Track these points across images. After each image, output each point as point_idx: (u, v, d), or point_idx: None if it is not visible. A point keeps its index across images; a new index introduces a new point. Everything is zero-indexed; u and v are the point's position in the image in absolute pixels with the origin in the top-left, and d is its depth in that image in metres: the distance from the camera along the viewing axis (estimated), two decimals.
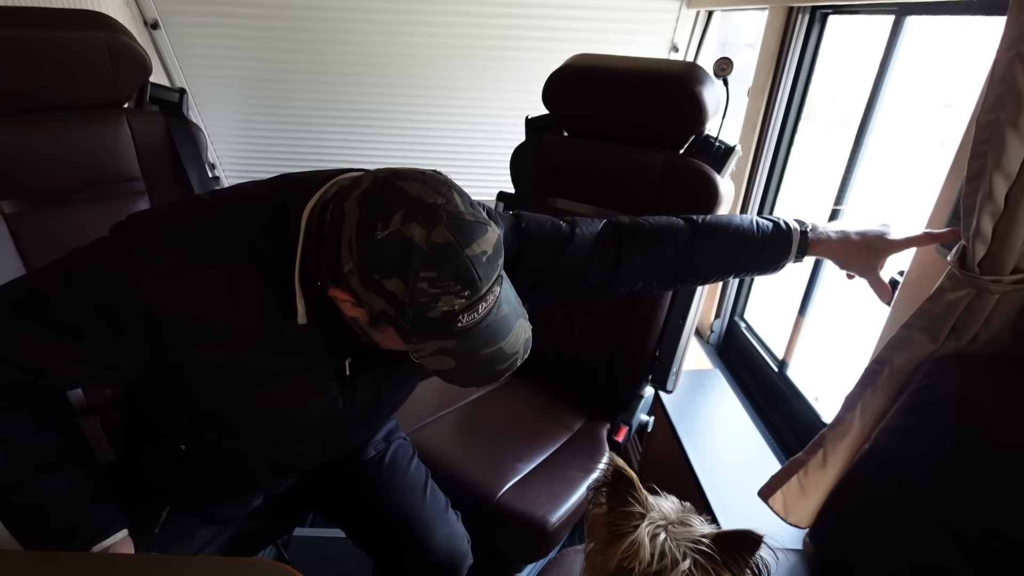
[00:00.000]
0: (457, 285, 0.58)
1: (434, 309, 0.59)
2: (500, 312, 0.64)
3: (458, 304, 0.59)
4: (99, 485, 0.78)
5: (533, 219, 0.90)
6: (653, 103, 1.30)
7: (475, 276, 0.59)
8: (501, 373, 0.66)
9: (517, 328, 0.67)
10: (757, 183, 1.66)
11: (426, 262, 0.57)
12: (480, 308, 0.61)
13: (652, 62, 1.37)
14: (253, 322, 0.69)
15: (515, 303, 0.69)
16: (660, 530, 0.64)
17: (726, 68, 1.32)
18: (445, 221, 0.58)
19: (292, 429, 0.82)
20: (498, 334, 0.64)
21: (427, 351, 0.63)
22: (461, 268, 0.58)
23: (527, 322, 0.69)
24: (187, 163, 1.44)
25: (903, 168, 2.00)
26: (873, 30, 1.34)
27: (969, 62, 1.35)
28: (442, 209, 0.58)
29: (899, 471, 0.87)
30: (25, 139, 1.24)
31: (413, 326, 0.60)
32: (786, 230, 0.91)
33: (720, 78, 1.33)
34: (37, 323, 0.65)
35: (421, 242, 0.57)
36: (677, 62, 1.50)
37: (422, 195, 0.59)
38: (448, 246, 0.58)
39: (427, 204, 0.58)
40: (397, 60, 2.06)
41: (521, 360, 0.68)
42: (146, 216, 0.70)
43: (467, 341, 0.62)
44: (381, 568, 1.07)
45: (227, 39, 2.00)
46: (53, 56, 1.24)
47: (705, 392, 1.64)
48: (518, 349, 0.67)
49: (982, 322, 0.82)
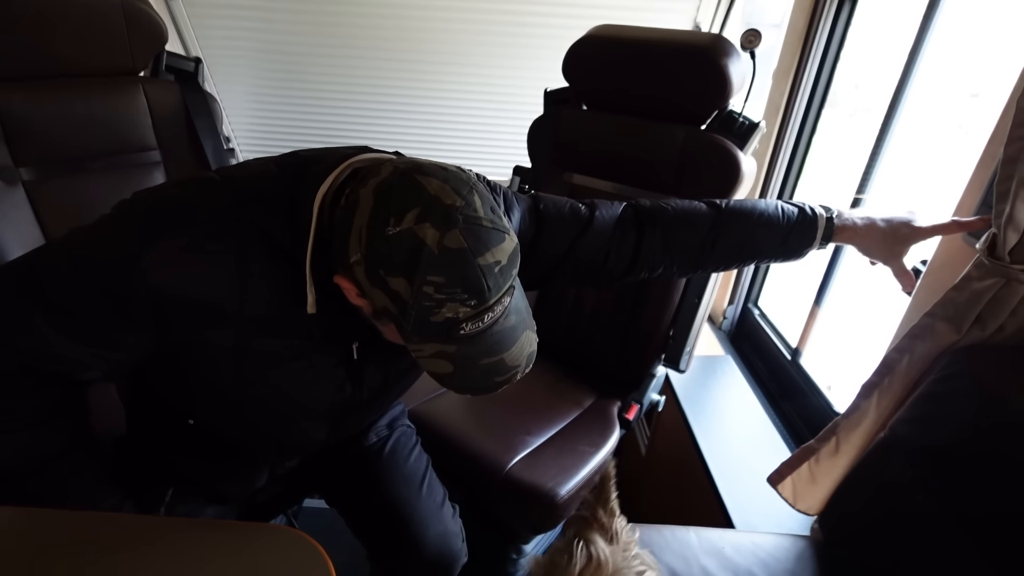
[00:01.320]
0: (464, 293, 0.56)
1: (437, 314, 0.57)
2: (507, 322, 0.61)
3: (463, 312, 0.57)
4: (105, 472, 0.78)
5: (552, 201, 0.88)
6: (677, 75, 1.27)
7: (484, 287, 0.57)
8: (498, 385, 0.64)
9: (522, 340, 0.64)
10: (778, 168, 1.63)
11: (435, 266, 0.55)
12: (486, 318, 0.58)
13: (677, 33, 1.33)
14: (262, 308, 0.67)
15: (524, 313, 0.66)
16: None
17: (754, 40, 1.27)
18: (461, 225, 0.55)
19: (299, 412, 0.81)
20: (502, 345, 0.61)
21: (425, 352, 0.61)
22: (471, 277, 0.56)
23: (534, 334, 0.67)
24: (202, 134, 1.44)
25: (927, 157, 1.96)
26: (903, 12, 1.30)
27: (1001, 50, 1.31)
28: (459, 212, 0.56)
29: (915, 461, 0.86)
30: (42, 106, 1.24)
31: (414, 327, 0.58)
32: (812, 216, 0.89)
33: (747, 51, 1.28)
34: (40, 306, 0.64)
35: (433, 245, 0.55)
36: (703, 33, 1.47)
37: (440, 194, 0.56)
38: (460, 252, 0.55)
39: (444, 205, 0.56)
40: (414, 35, 2.03)
41: (522, 374, 0.65)
42: (151, 196, 0.66)
43: (468, 348, 0.60)
44: (374, 559, 1.07)
45: (243, 9, 1.98)
46: (69, 22, 1.23)
47: (716, 378, 1.64)
48: (520, 363, 0.64)
49: (1009, 312, 0.80)
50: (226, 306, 0.65)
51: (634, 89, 1.34)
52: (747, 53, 1.28)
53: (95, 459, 0.78)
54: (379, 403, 0.92)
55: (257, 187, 0.66)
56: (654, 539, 1.00)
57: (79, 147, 1.30)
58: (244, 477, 0.94)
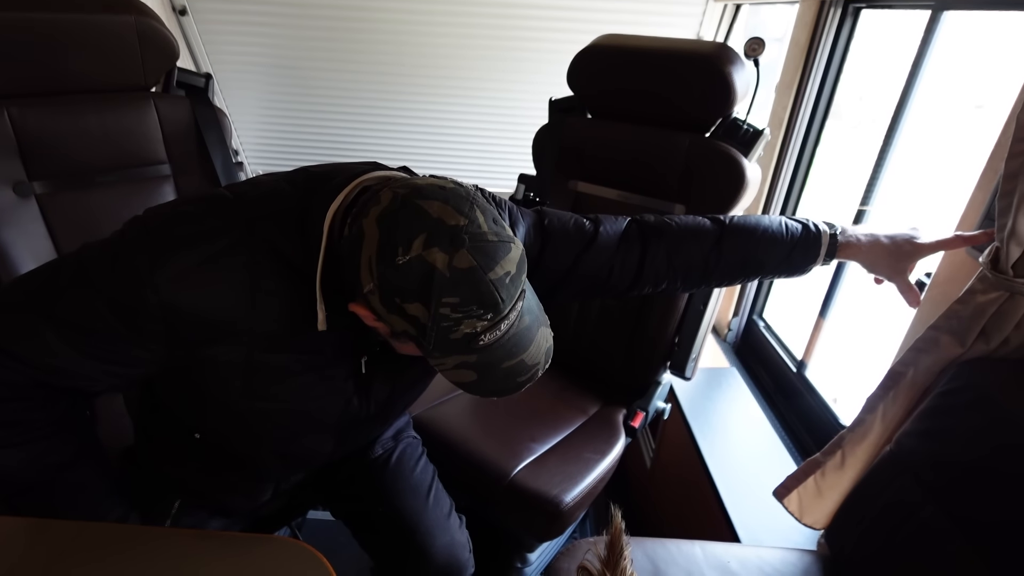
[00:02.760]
0: (480, 309, 0.58)
1: (456, 332, 0.58)
2: (522, 324, 0.63)
3: (480, 326, 0.58)
4: (112, 483, 0.79)
5: (556, 216, 0.89)
6: (681, 83, 1.28)
7: (498, 299, 0.58)
8: (522, 384, 0.65)
9: (539, 338, 0.65)
10: (782, 181, 1.63)
11: (448, 288, 0.56)
12: (503, 326, 0.60)
13: (681, 42, 1.35)
14: (272, 323, 0.68)
15: (537, 312, 0.67)
16: None
17: (757, 49, 1.28)
18: (468, 245, 0.57)
19: (307, 426, 0.82)
20: (520, 346, 0.63)
21: (448, 365, 0.62)
22: (484, 293, 0.57)
23: (548, 329, 0.68)
24: (212, 147, 1.46)
25: (931, 169, 1.96)
26: (907, 26, 1.31)
27: (1005, 61, 1.31)
28: (464, 232, 0.57)
29: (921, 475, 0.85)
30: (56, 121, 1.27)
31: (435, 346, 0.60)
32: (815, 232, 0.90)
33: (751, 59, 1.29)
34: (51, 321, 0.64)
35: (443, 268, 0.56)
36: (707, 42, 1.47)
37: (443, 216, 0.57)
38: (471, 271, 0.56)
39: (449, 226, 0.57)
40: (419, 48, 2.07)
41: (543, 370, 0.67)
42: (163, 213, 0.67)
43: (489, 355, 0.61)
44: (380, 570, 1.06)
45: (253, 26, 2.02)
46: (84, 40, 1.26)
47: (721, 390, 1.63)
48: (539, 359, 0.65)
49: (1013, 325, 0.80)
50: (237, 322, 0.66)
51: (638, 97, 1.35)
52: (751, 61, 1.29)
53: (103, 471, 0.78)
54: (385, 416, 0.92)
55: (268, 204, 0.67)
56: (659, 553, 0.99)
57: (91, 161, 1.33)
58: (249, 491, 0.94)
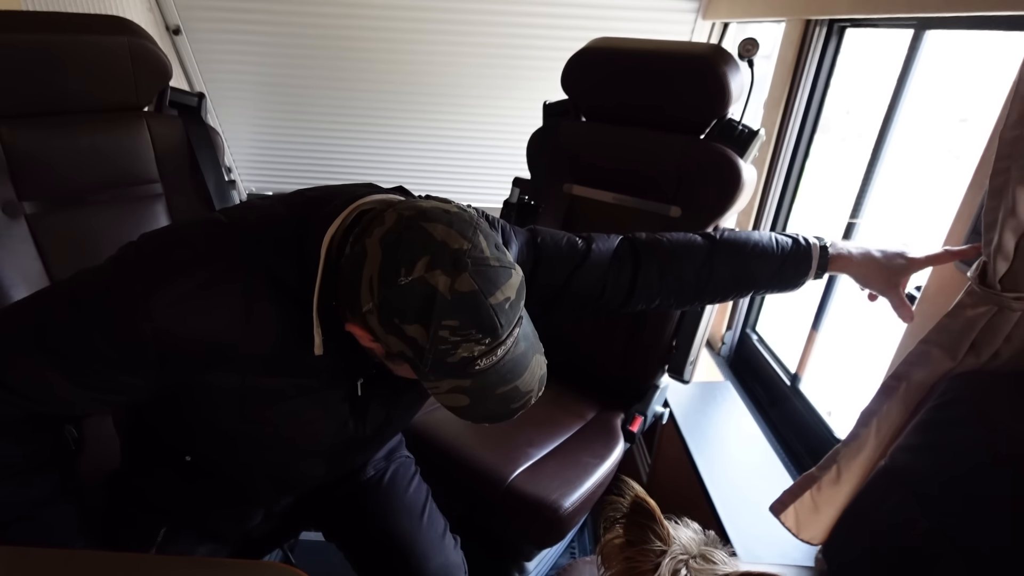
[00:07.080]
0: (479, 333, 0.58)
1: (453, 355, 0.58)
2: (518, 350, 0.63)
3: (478, 350, 0.59)
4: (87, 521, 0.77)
5: (549, 235, 0.89)
6: (676, 84, 1.28)
7: (497, 324, 0.58)
8: (515, 411, 0.65)
9: (533, 364, 0.65)
10: (771, 198, 1.65)
11: (449, 311, 0.56)
12: (499, 351, 0.60)
13: (675, 44, 1.35)
14: (268, 347, 0.67)
15: (532, 339, 0.67)
16: (681, 565, 0.62)
17: (751, 49, 1.29)
18: (470, 269, 0.57)
19: (300, 449, 0.81)
20: (514, 372, 0.63)
21: (442, 388, 0.63)
22: (484, 317, 0.58)
23: (543, 357, 0.69)
24: (204, 166, 1.45)
25: (918, 182, 1.99)
26: (891, 43, 1.33)
27: (988, 77, 1.34)
28: (467, 256, 0.57)
29: (916, 489, 0.85)
30: (47, 141, 1.26)
31: (431, 368, 0.60)
32: (805, 245, 0.90)
33: (745, 59, 1.30)
34: (42, 350, 0.63)
35: (445, 291, 0.56)
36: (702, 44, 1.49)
37: (447, 239, 0.58)
38: (472, 295, 0.57)
39: (452, 250, 0.57)
40: (411, 61, 2.09)
41: (536, 398, 0.67)
42: (158, 238, 0.67)
43: (483, 380, 0.62)
44: None
45: (247, 45, 2.03)
46: (77, 60, 1.26)
47: (716, 404, 1.63)
48: (533, 387, 0.66)
49: (1003, 339, 0.81)
50: (232, 347, 0.65)
51: (633, 99, 1.35)
52: (745, 62, 1.30)
53: (80, 507, 0.76)
54: (379, 439, 0.92)
55: (264, 228, 0.67)
56: None
57: (82, 181, 1.32)
58: (239, 515, 0.92)
